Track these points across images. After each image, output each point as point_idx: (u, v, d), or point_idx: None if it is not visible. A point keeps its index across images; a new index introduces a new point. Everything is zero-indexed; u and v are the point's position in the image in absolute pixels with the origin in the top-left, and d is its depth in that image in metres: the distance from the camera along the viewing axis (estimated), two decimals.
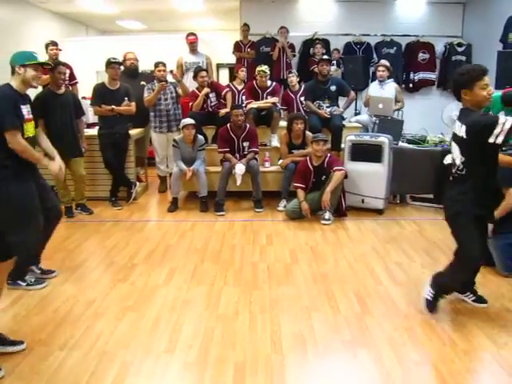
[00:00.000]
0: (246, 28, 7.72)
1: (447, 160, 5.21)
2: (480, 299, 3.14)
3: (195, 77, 5.92)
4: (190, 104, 5.87)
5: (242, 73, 6.39)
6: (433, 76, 8.38)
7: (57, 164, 3.27)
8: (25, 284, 3.37)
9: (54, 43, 6.10)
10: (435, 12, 8.30)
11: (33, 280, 3.41)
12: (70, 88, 5.83)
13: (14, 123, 2.98)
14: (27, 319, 2.94)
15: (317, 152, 4.95)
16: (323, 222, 4.90)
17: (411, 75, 8.36)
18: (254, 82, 6.05)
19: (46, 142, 3.45)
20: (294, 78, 6.20)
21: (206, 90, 5.81)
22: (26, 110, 3.11)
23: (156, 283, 3.47)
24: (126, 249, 4.21)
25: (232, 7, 8.65)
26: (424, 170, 5.32)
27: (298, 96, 6.13)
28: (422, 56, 8.26)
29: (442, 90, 8.47)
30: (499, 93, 5.46)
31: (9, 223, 2.91)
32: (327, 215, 4.92)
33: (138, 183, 5.96)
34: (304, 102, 6.06)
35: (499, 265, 3.60)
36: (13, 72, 3.10)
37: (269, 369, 2.42)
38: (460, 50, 8.15)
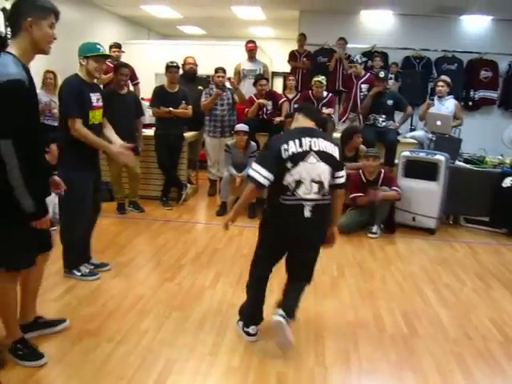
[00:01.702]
0: (302, 38, 7.74)
1: (506, 183, 5.08)
2: None
3: (255, 84, 5.98)
4: (246, 110, 5.93)
5: (289, 82, 6.42)
6: (494, 95, 8.11)
7: (116, 146, 3.30)
8: (79, 274, 3.50)
9: (118, 45, 6.33)
10: (500, 29, 8.03)
11: (87, 271, 3.55)
12: (132, 88, 6.01)
13: (75, 111, 3.18)
14: (78, 309, 3.05)
15: (367, 168, 4.89)
16: (370, 235, 4.84)
17: (471, 93, 8.12)
18: (310, 91, 6.06)
19: (109, 131, 3.58)
20: (357, 65, 6.47)
21: (263, 101, 5.84)
22: (95, 97, 3.32)
23: (202, 285, 3.51)
24: (174, 249, 4.29)
25: (291, 17, 8.70)
26: (480, 192, 5.16)
27: (360, 82, 6.31)
28: (484, 74, 8.01)
29: (503, 110, 8.18)
30: None
31: (64, 208, 3.41)
32: (375, 229, 4.85)
33: (188, 185, 6.08)
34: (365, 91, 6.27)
35: None
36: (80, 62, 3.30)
37: (311, 381, 2.40)
38: None
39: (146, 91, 6.41)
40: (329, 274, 3.86)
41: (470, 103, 8.14)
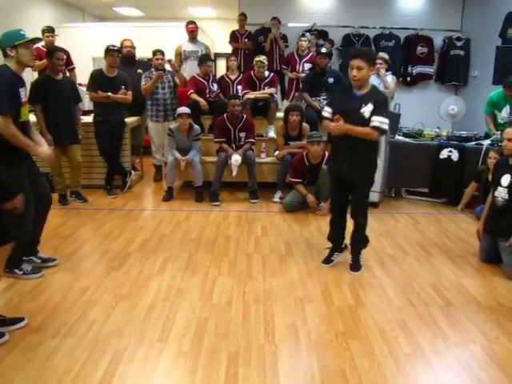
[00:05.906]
0: (242, 18, 7.63)
1: (443, 154, 5.29)
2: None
3: (201, 64, 5.89)
4: (189, 92, 5.79)
5: (231, 63, 6.34)
6: (431, 70, 8.34)
7: (45, 148, 3.11)
8: (21, 273, 3.31)
9: (51, 29, 6.03)
10: (434, 5, 8.24)
11: (29, 269, 3.36)
12: (68, 73, 5.77)
13: (8, 107, 2.88)
14: (20, 306, 2.93)
15: (313, 153, 4.92)
16: (318, 212, 4.91)
17: (409, 68, 8.31)
18: (252, 72, 6.02)
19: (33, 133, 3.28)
20: (304, 43, 6.48)
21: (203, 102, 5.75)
22: (23, 92, 3.05)
23: (150, 272, 3.46)
24: (121, 237, 4.21)
25: None
26: (420, 164, 5.35)
27: (303, 61, 6.46)
28: (420, 49, 8.21)
29: (439, 85, 8.44)
30: (500, 88, 5.46)
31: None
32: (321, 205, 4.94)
33: (133, 172, 5.95)
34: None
35: (505, 265, 3.59)
36: (5, 55, 2.98)
37: (261, 359, 2.43)
38: (459, 44, 8.10)
39: (83, 76, 6.16)
40: (277, 253, 3.90)
41: (408, 79, 8.34)
